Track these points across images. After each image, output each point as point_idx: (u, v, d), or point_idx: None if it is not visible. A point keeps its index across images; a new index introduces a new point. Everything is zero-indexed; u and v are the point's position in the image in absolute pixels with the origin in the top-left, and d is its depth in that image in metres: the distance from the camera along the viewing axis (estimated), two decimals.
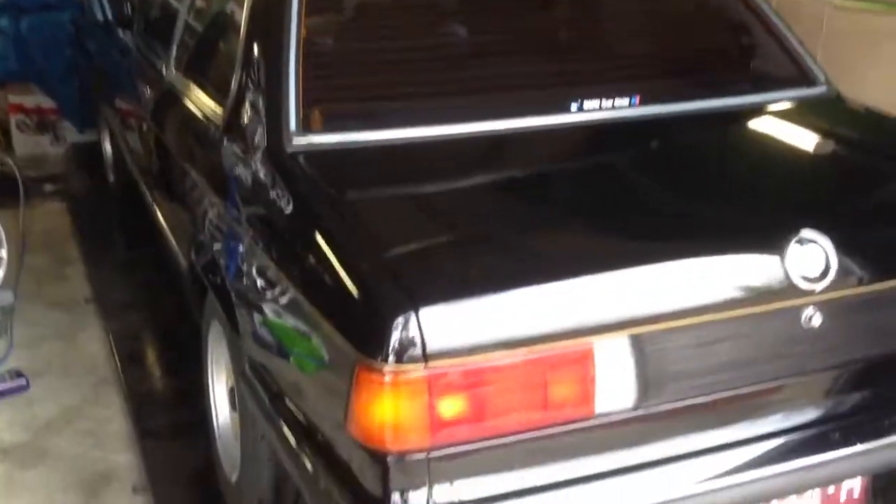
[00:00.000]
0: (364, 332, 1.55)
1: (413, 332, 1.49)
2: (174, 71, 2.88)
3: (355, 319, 1.58)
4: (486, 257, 1.66)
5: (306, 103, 2.06)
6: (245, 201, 2.11)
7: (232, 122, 2.28)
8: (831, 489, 1.83)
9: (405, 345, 1.49)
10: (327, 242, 1.72)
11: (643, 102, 2.26)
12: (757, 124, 2.38)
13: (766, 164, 2.11)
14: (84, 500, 2.62)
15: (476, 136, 2.11)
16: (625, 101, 2.26)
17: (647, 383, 1.63)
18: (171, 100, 2.84)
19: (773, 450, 1.73)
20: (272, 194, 1.98)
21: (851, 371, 1.79)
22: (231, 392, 2.41)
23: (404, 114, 2.13)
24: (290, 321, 1.83)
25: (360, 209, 1.88)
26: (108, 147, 4.64)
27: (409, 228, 1.78)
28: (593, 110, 2.23)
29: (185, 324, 3.11)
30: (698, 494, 1.65)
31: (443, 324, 1.51)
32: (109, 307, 3.75)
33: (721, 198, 1.95)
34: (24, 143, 5.33)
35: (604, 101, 2.24)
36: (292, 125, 2.04)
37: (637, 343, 1.61)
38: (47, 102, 5.32)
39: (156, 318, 3.68)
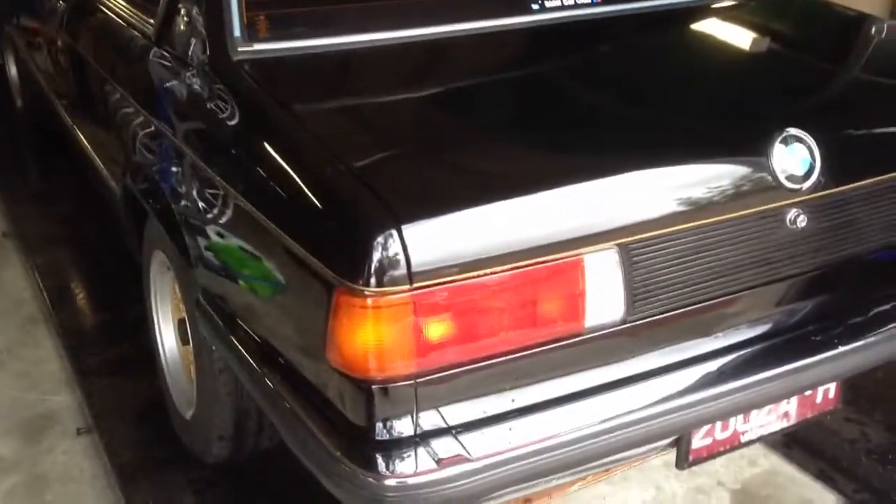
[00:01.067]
0: (342, 255, 1.42)
1: (396, 251, 1.38)
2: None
3: (331, 241, 1.45)
4: (469, 169, 1.55)
5: (251, 7, 1.88)
6: (189, 117, 1.94)
7: (164, 32, 2.08)
8: (808, 392, 1.81)
9: (388, 266, 1.38)
10: (294, 158, 1.58)
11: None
12: (733, 19, 2.29)
13: (746, 61, 2.03)
14: (25, 446, 2.47)
15: (436, 40, 1.96)
16: None
17: (636, 295, 1.56)
18: (88, 9, 2.59)
19: (758, 356, 1.69)
20: (224, 108, 1.80)
21: (834, 272, 1.76)
22: (180, 325, 2.27)
23: (357, 18, 1.96)
24: (252, 247, 1.69)
25: (325, 119, 1.72)
26: (13, 69, 4.30)
27: (382, 140, 1.64)
28: (556, 9, 2.11)
29: (116, 254, 2.92)
30: (689, 405, 1.61)
31: (427, 241, 1.40)
32: (31, 242, 3.51)
33: (701, 99, 1.86)
34: None
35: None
36: (236, 32, 1.86)
37: (626, 253, 1.53)
38: None
39: (82, 250, 3.46)
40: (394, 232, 1.38)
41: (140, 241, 2.34)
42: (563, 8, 2.11)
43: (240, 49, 1.85)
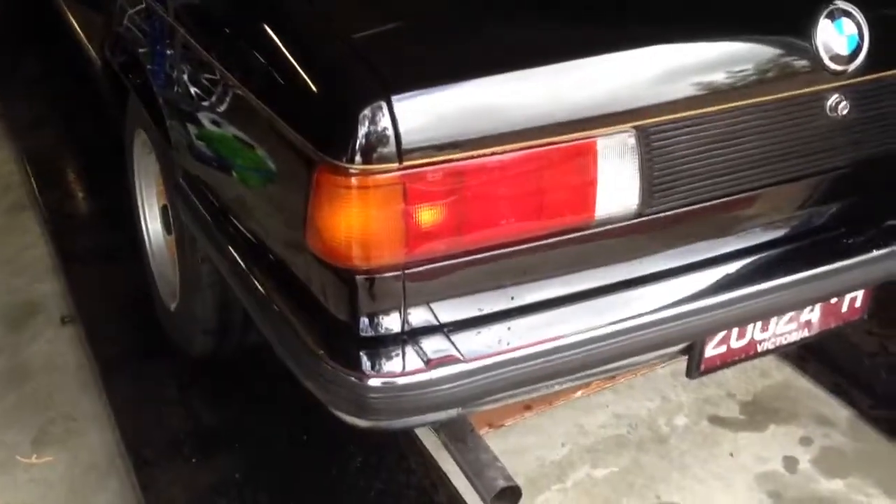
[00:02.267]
0: (324, 127, 1.27)
1: (385, 123, 1.22)
2: None
3: (312, 111, 1.29)
4: (468, 34, 1.37)
5: None
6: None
7: None
8: (834, 299, 1.67)
9: (375, 140, 1.22)
10: (274, 19, 1.40)
11: None
12: None
13: None
14: (8, 334, 2.37)
15: None
16: None
17: (653, 185, 1.41)
18: None
19: (784, 259, 1.55)
20: None
21: (874, 169, 1.59)
22: (164, 212, 2.13)
23: None
24: (231, 121, 1.54)
25: None
26: None
27: (372, 2, 1.45)
28: None
29: (105, 138, 2.76)
30: (705, 309, 1.47)
31: (420, 114, 1.24)
32: (18, 125, 3.36)
33: None
34: None
35: None
36: None
37: (644, 137, 1.37)
38: None
39: (71, 134, 3.31)
40: (382, 102, 1.22)
41: (123, 119, 2.18)
42: None
43: None
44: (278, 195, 1.44)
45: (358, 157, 1.23)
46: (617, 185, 1.38)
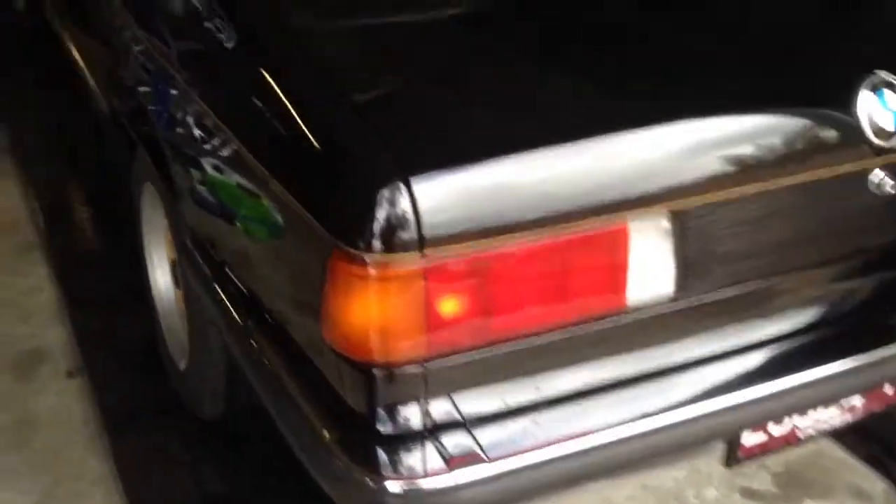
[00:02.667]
0: (339, 210, 1.19)
1: (404, 207, 1.14)
2: None
3: (326, 192, 1.21)
4: (491, 110, 1.28)
5: None
6: (181, 34, 1.68)
7: None
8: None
9: (394, 225, 1.14)
10: (290, 88, 1.32)
11: None
12: None
13: None
14: (15, 385, 2.30)
15: None
16: None
17: (690, 268, 1.32)
18: None
19: (828, 344, 1.46)
20: (219, 26, 1.54)
21: None
22: (174, 266, 2.06)
23: None
24: (242, 190, 1.46)
25: (329, 46, 1.45)
26: None
27: (394, 73, 1.37)
28: None
29: (114, 177, 2.70)
30: (744, 403, 1.37)
31: (442, 196, 1.16)
32: (26, 155, 3.29)
33: (774, 35, 1.57)
34: None
35: None
36: None
37: (679, 220, 1.28)
38: None
39: (81, 166, 3.24)
40: (400, 183, 1.14)
41: (130, 169, 2.11)
42: None
43: None
44: (292, 277, 1.37)
45: (376, 244, 1.15)
46: (650, 270, 1.30)
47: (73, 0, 2.60)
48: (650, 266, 1.30)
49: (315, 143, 1.25)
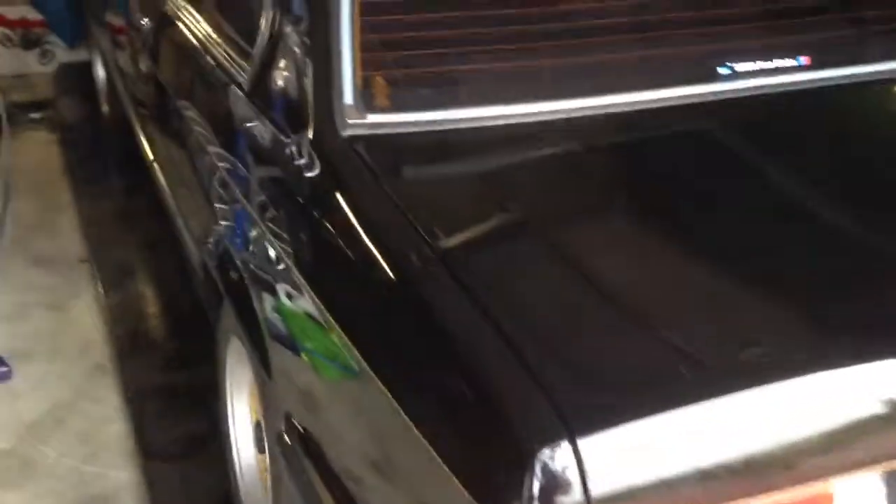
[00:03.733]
0: (485, 471, 1.00)
1: (568, 471, 0.94)
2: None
3: (468, 444, 1.03)
4: (674, 345, 1.08)
5: (370, 66, 1.45)
6: (282, 207, 1.53)
7: (259, 84, 1.68)
8: None
9: (555, 492, 0.94)
10: (419, 303, 1.15)
11: (821, 64, 1.65)
12: None
13: None
14: None
15: (615, 114, 1.49)
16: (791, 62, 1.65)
17: None
18: (173, 37, 2.22)
19: None
20: (329, 208, 1.38)
21: None
22: (257, 428, 1.88)
23: (518, 80, 1.50)
24: (354, 390, 1.28)
25: (470, 250, 1.26)
26: (100, 72, 4.00)
27: (553, 293, 1.16)
28: (749, 75, 1.62)
29: (195, 296, 2.57)
30: None
31: (613, 461, 0.97)
32: (106, 270, 3.21)
33: None
34: (8, 60, 4.67)
35: (763, 62, 1.63)
36: (348, 98, 1.44)
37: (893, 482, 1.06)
38: (33, 14, 4.64)
39: (161, 286, 3.13)
40: (565, 443, 0.95)
41: (217, 319, 1.96)
42: (762, 73, 1.62)
43: (351, 122, 1.43)
44: None
45: None
46: None
47: (162, 131, 2.48)
48: None
49: (454, 379, 1.06)
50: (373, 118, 1.43)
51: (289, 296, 1.47)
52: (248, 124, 1.69)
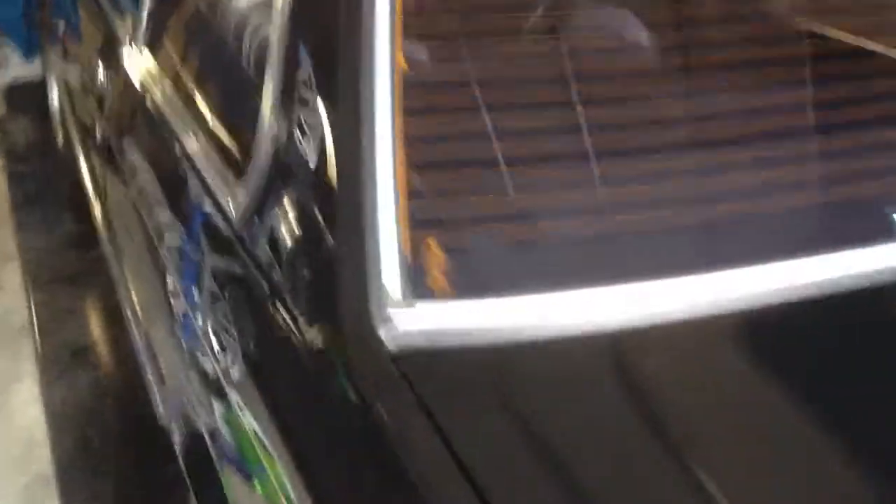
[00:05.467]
0: None
1: None
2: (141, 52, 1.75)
3: None
4: None
5: (419, 227, 0.99)
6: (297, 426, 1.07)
7: (250, 227, 1.20)
8: None
9: None
10: None
11: None
12: None
13: None
14: None
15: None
16: None
17: None
18: (142, 115, 1.72)
19: None
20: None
21: None
22: None
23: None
24: None
25: None
26: (54, 94, 3.45)
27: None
28: None
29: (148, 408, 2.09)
30: None
31: None
32: (54, 349, 2.71)
33: None
34: None
35: None
36: (388, 284, 0.98)
37: None
38: None
39: (115, 378, 2.63)
40: None
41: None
42: None
43: (394, 332, 0.95)
44: None
45: None
46: None
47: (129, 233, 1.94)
48: None
49: None
50: (419, 325, 0.96)
51: None
52: (234, 275, 1.22)
